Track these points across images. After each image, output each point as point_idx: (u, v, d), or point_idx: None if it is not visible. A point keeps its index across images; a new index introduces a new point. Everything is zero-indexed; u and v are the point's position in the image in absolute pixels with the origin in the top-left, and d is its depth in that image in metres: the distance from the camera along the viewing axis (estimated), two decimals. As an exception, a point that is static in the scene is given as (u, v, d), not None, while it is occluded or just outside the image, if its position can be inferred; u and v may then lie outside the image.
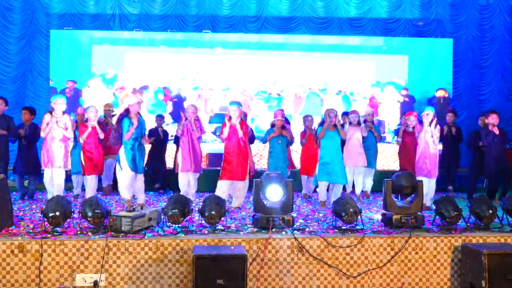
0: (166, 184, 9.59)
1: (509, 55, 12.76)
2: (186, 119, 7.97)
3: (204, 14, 12.35)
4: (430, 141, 7.54)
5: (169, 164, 9.96)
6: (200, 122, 8.21)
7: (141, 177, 7.35)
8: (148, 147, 8.82)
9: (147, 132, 8.26)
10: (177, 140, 8.63)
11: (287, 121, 9.15)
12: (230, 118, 7.52)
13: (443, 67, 12.29)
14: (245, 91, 11.91)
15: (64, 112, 7.46)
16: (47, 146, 7.30)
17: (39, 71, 12.02)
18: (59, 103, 7.38)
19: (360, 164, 8.55)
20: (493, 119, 8.35)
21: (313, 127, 8.87)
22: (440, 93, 12.20)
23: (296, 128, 10.04)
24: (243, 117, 7.83)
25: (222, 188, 7.50)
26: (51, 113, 7.39)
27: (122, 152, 7.23)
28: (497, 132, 8.32)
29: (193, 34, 12.16)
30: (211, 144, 11.36)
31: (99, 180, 8.50)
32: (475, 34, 12.73)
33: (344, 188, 8.14)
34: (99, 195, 7.94)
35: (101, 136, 7.98)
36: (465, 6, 12.70)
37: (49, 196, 7.17)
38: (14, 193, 8.24)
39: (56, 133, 7.34)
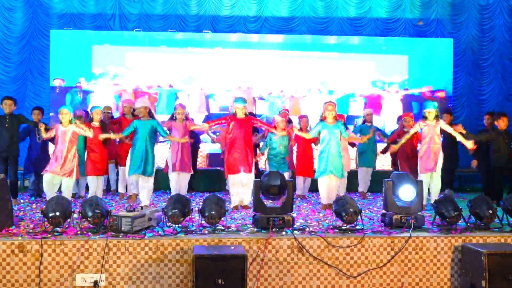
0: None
1: (509, 55, 12.76)
2: (175, 118, 7.96)
3: (204, 14, 12.36)
4: (435, 137, 7.52)
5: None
6: (190, 121, 8.28)
7: (145, 179, 7.32)
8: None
9: None
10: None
11: (290, 122, 9.14)
12: (234, 114, 7.50)
13: (443, 67, 12.29)
14: (248, 92, 11.89)
15: (71, 121, 7.20)
16: (54, 155, 7.13)
17: (39, 71, 12.02)
18: (63, 114, 7.14)
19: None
20: (503, 122, 8.30)
21: (308, 128, 8.90)
22: (440, 94, 12.21)
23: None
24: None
25: (234, 181, 7.45)
26: (60, 123, 7.27)
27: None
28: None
29: (193, 34, 12.15)
30: (211, 144, 11.34)
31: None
32: (475, 34, 12.73)
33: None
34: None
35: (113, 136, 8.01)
36: (465, 6, 12.70)
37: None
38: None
39: (63, 142, 7.16)
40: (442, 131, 7.73)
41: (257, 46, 12.13)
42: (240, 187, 7.47)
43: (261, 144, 8.63)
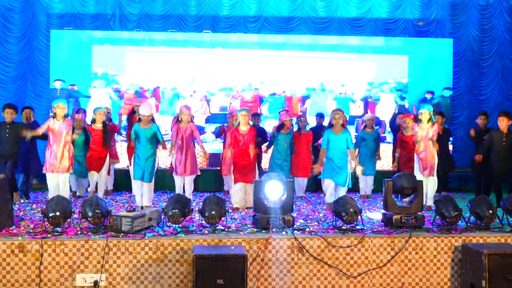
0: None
1: (509, 55, 12.75)
2: (180, 120, 7.91)
3: (204, 14, 12.35)
4: (429, 142, 7.49)
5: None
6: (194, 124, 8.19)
7: (147, 185, 7.34)
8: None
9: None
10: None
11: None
12: (238, 125, 7.52)
13: (443, 67, 12.28)
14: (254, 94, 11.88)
15: (66, 116, 7.27)
16: (50, 151, 7.16)
17: (39, 71, 12.00)
18: (60, 108, 7.18)
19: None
20: (502, 121, 8.14)
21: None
22: (446, 93, 12.21)
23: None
24: (254, 122, 7.77)
25: (240, 187, 7.47)
26: (54, 117, 7.28)
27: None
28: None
29: (193, 34, 12.14)
30: (211, 144, 11.35)
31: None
32: (475, 34, 12.72)
33: None
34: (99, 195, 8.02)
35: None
36: (465, 6, 12.69)
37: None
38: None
39: (59, 137, 7.20)
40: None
41: (257, 46, 12.12)
42: (245, 193, 7.49)
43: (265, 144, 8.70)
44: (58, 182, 7.16)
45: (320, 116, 10.06)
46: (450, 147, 10.63)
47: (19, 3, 11.98)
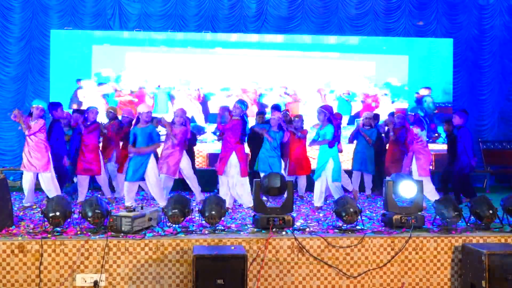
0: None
1: (509, 55, 12.75)
2: (174, 122, 7.98)
3: (204, 14, 12.35)
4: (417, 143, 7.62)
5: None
6: (188, 125, 8.18)
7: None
8: None
9: None
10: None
11: (290, 122, 9.11)
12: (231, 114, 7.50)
13: (443, 67, 12.28)
14: (248, 92, 11.87)
15: (41, 117, 7.27)
16: (28, 150, 7.14)
17: (39, 71, 12.00)
18: (36, 109, 7.23)
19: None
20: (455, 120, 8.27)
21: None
22: (423, 92, 12.18)
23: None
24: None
25: (221, 181, 7.48)
26: (30, 116, 7.26)
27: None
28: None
29: (193, 34, 12.14)
30: (211, 144, 11.35)
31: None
32: (475, 34, 12.72)
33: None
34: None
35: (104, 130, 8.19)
36: (465, 6, 12.69)
37: (25, 199, 7.28)
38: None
39: (36, 137, 7.18)
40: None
41: (257, 46, 12.12)
42: (233, 190, 7.41)
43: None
44: (33, 181, 7.18)
45: (275, 108, 9.73)
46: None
47: (19, 3, 11.97)
